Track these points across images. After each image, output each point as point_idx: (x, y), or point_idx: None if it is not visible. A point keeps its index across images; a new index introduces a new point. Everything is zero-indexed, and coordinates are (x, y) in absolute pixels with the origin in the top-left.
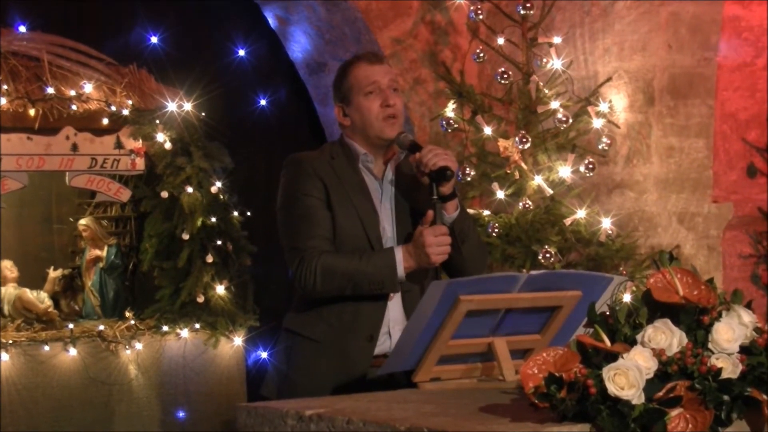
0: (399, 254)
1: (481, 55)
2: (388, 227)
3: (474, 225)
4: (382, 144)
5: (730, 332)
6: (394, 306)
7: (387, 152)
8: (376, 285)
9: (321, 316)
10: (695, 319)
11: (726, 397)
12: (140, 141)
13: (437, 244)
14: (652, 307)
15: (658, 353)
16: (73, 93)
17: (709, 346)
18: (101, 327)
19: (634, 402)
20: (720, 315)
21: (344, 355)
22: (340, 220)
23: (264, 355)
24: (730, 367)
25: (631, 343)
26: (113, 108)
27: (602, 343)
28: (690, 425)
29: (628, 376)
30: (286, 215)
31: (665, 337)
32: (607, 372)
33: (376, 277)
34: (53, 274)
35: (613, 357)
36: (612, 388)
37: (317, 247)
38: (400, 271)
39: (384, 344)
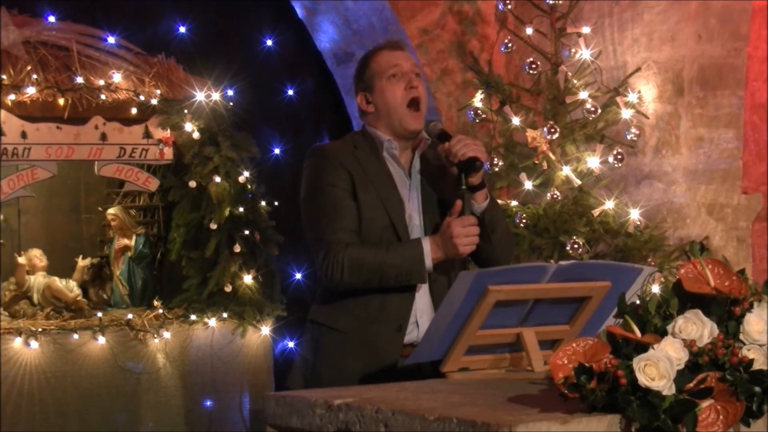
0: (426, 245)
1: (509, 45)
2: (416, 216)
3: (503, 215)
4: (405, 135)
5: (762, 323)
6: (422, 295)
7: (413, 141)
8: (403, 277)
9: (347, 308)
10: (726, 310)
11: (757, 389)
12: (168, 131)
13: (465, 234)
14: (683, 298)
15: (688, 344)
16: (102, 83)
17: (741, 337)
18: (129, 316)
19: (664, 393)
20: (751, 306)
21: (372, 345)
22: (366, 211)
23: (291, 344)
24: (761, 359)
25: (662, 334)
26: (142, 98)
27: (632, 334)
28: (721, 417)
29: (658, 367)
30: (311, 207)
31: (696, 328)
32: (638, 363)
33: (404, 268)
34: (82, 263)
35: (643, 348)
36: (642, 379)
37: (343, 240)
38: (428, 262)
39: (412, 333)
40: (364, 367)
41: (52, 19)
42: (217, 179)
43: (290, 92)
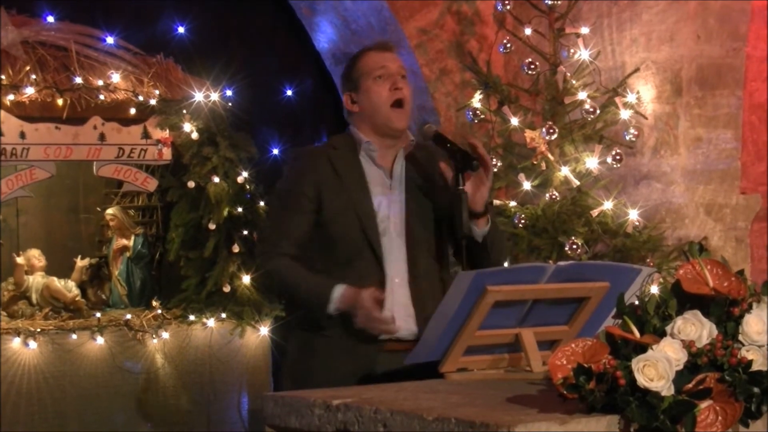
0: (337, 292)
1: (508, 45)
2: (396, 217)
3: (503, 236)
4: (390, 133)
5: (761, 324)
6: (399, 289)
7: (398, 141)
8: (308, 309)
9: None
10: (725, 311)
11: (756, 390)
12: (167, 131)
13: (366, 320)
14: (682, 299)
15: (687, 345)
16: (100, 83)
17: (740, 338)
18: (128, 316)
19: (663, 394)
20: (750, 307)
21: (353, 344)
22: (337, 215)
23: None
24: (760, 359)
25: (661, 334)
26: (140, 98)
27: (631, 335)
28: (720, 417)
29: (657, 368)
30: (272, 208)
31: (695, 328)
32: (637, 363)
33: (310, 304)
34: (80, 263)
35: (642, 348)
36: (641, 380)
37: (279, 249)
38: (331, 308)
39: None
40: (350, 365)
41: (50, 19)
42: (216, 179)
43: (289, 92)
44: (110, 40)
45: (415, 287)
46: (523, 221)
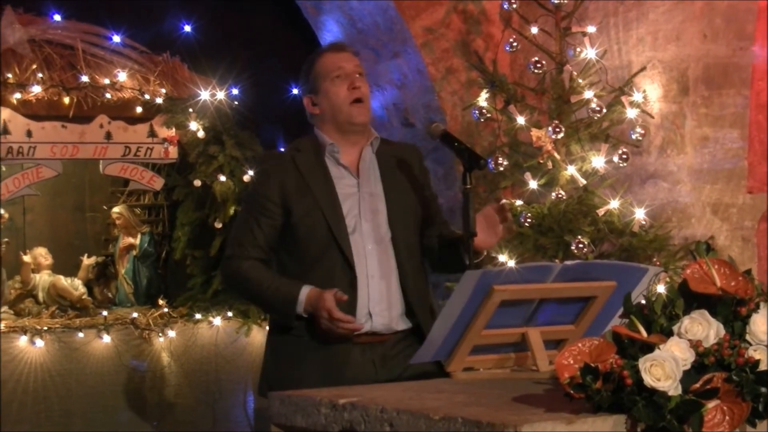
0: (303, 293)
1: (514, 44)
2: (367, 214)
3: None
4: (353, 130)
5: None
6: (376, 286)
7: (361, 138)
8: (274, 314)
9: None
10: (732, 311)
11: (763, 390)
12: (173, 129)
13: (328, 322)
14: (689, 298)
15: (694, 344)
16: (107, 81)
17: (747, 337)
18: (134, 314)
19: (670, 393)
20: (757, 306)
21: (326, 345)
22: (304, 216)
23: None
24: (767, 359)
25: (668, 334)
26: (147, 96)
27: (638, 334)
28: (727, 417)
29: (664, 368)
30: (240, 213)
31: (702, 328)
32: (644, 363)
33: (275, 309)
34: (87, 261)
35: (649, 348)
36: (648, 380)
37: (245, 253)
38: (299, 309)
39: (366, 324)
40: (322, 363)
41: (57, 17)
42: (222, 178)
43: (295, 91)
44: (117, 38)
45: (392, 282)
46: (529, 220)
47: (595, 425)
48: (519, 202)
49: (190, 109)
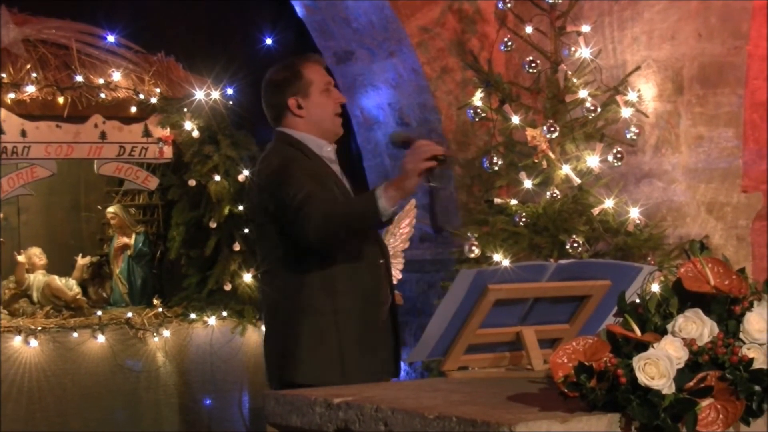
0: (380, 188)
1: (509, 43)
2: None
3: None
4: (332, 138)
5: (762, 322)
6: (383, 268)
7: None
8: (362, 219)
9: (335, 288)
10: (726, 309)
11: (757, 388)
12: (168, 129)
13: (423, 151)
14: (683, 297)
15: (688, 343)
16: (101, 81)
17: (741, 336)
18: (129, 314)
19: (664, 392)
20: (751, 305)
21: (362, 322)
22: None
23: None
24: (761, 358)
25: (662, 332)
26: (141, 96)
27: (632, 333)
28: (721, 415)
29: (658, 366)
30: (288, 173)
31: (696, 326)
32: (638, 362)
33: (361, 207)
34: (81, 261)
35: (643, 347)
36: (642, 378)
37: (317, 194)
38: (381, 204)
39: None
40: (356, 346)
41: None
42: (217, 178)
43: None
44: (111, 38)
45: (388, 267)
46: (524, 219)
47: (590, 424)
48: (514, 202)
49: (185, 109)
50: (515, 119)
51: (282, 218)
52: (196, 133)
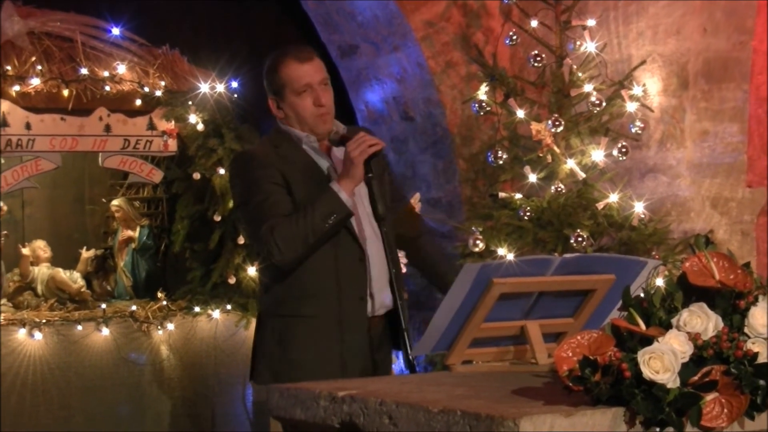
0: (334, 184)
1: (514, 38)
2: (360, 198)
3: None
4: (319, 137)
5: (766, 317)
6: (375, 266)
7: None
8: (330, 218)
9: (306, 292)
10: (731, 304)
11: (762, 382)
12: (173, 122)
13: (359, 144)
14: (688, 291)
15: (693, 337)
16: (106, 74)
17: (745, 330)
18: (133, 307)
19: (669, 386)
20: (756, 299)
21: (340, 321)
22: (304, 197)
23: None
24: (766, 352)
25: (666, 327)
26: (146, 89)
27: (637, 327)
28: (725, 410)
29: (663, 360)
30: (248, 208)
31: (701, 321)
32: (642, 356)
33: (324, 211)
34: (86, 254)
35: (647, 341)
36: (647, 372)
37: (279, 214)
38: (343, 196)
39: (368, 305)
40: (338, 346)
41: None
42: (221, 171)
43: None
44: (116, 31)
45: (383, 264)
46: (528, 214)
47: (594, 418)
48: (518, 196)
49: (190, 102)
50: (520, 113)
51: (241, 221)
52: (200, 127)
